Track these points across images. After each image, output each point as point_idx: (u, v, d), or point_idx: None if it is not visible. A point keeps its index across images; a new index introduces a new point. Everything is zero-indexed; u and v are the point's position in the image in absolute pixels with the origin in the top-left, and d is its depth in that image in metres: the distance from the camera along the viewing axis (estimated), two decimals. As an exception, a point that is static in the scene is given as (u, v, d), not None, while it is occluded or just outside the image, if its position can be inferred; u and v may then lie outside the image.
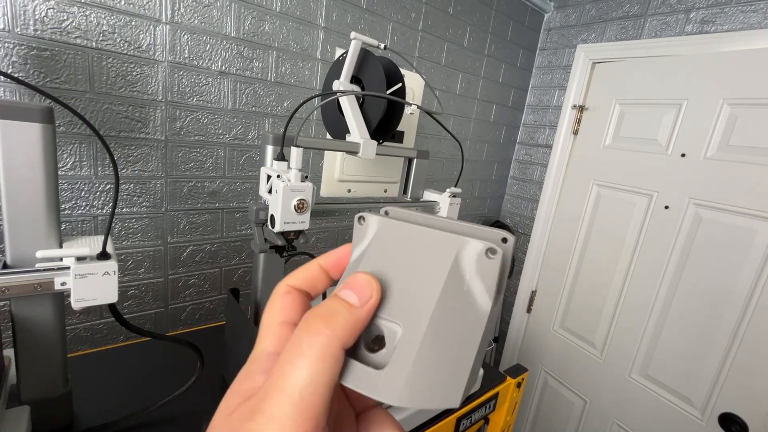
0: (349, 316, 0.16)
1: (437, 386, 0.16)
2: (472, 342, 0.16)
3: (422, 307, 0.17)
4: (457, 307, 0.17)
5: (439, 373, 0.16)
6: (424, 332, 0.16)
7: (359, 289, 0.16)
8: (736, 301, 1.22)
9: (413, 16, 1.30)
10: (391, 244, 0.19)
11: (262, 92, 1.05)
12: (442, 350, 0.16)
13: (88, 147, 0.84)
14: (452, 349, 0.16)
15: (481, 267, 0.17)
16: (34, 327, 0.53)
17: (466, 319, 0.16)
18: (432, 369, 0.16)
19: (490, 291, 0.17)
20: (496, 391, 0.88)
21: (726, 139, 1.24)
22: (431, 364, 0.16)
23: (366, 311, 0.16)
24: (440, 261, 0.17)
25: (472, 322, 0.16)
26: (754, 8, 1.21)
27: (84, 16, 0.79)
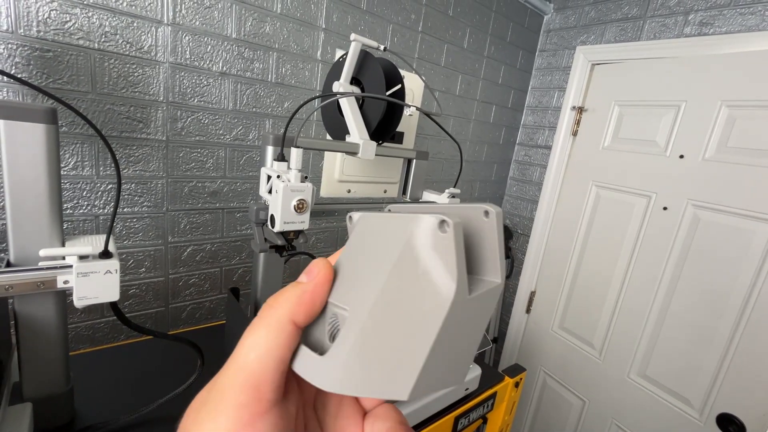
0: (295, 290, 0.16)
1: (378, 374, 0.15)
2: (427, 329, 0.14)
3: (369, 291, 0.15)
4: (410, 290, 0.15)
5: (380, 361, 0.15)
6: (366, 317, 0.15)
7: (310, 270, 0.17)
8: (735, 302, 1.23)
9: (413, 18, 1.31)
10: (363, 236, 0.18)
11: (263, 93, 1.06)
12: (386, 337, 0.15)
13: (90, 147, 0.85)
14: (399, 336, 0.15)
15: (437, 244, 0.14)
16: (36, 325, 0.54)
17: (422, 303, 0.15)
18: (372, 356, 0.15)
19: (451, 271, 0.14)
20: (494, 391, 0.88)
21: (724, 140, 1.25)
22: (371, 350, 0.15)
23: (311, 285, 0.16)
24: (393, 244, 0.16)
25: (429, 306, 0.14)
26: (752, 11, 1.21)
27: (86, 18, 0.79)
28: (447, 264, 0.14)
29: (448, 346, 0.15)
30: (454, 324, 0.15)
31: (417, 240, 0.15)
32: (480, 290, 0.16)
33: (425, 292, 0.15)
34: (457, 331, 0.15)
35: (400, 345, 0.15)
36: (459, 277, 0.14)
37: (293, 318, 0.16)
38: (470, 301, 0.15)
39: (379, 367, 0.15)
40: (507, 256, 1.91)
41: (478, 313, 0.16)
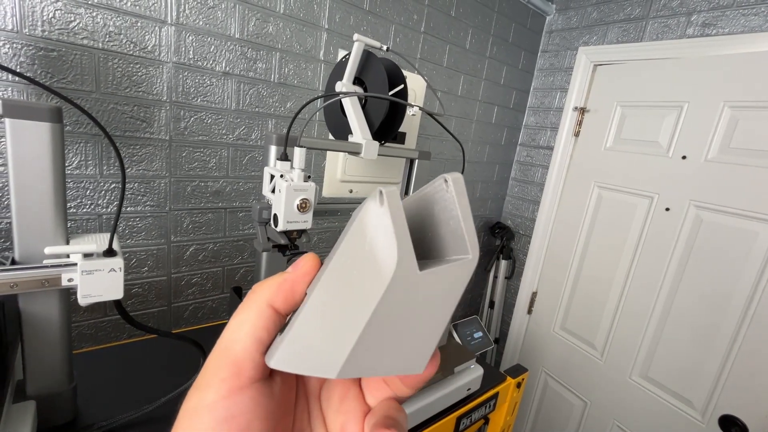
0: (277, 278, 0.17)
1: (314, 352, 0.15)
2: (364, 306, 0.14)
3: (321, 272, 0.16)
4: (355, 268, 0.14)
5: (318, 338, 0.15)
6: (313, 297, 0.15)
7: (296, 262, 0.17)
8: (737, 303, 1.22)
9: (415, 18, 1.31)
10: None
11: (266, 93, 1.06)
12: (328, 315, 0.15)
13: (93, 146, 0.85)
14: (340, 314, 0.15)
15: (378, 219, 0.14)
16: (40, 323, 0.54)
17: (364, 280, 0.14)
18: (311, 334, 0.15)
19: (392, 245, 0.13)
20: (495, 391, 0.88)
21: (727, 141, 1.25)
22: (312, 329, 0.15)
23: (292, 275, 0.17)
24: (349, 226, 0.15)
25: (370, 283, 0.14)
26: (755, 11, 1.21)
27: (91, 17, 0.80)
28: (387, 238, 0.13)
29: (392, 328, 0.14)
30: (399, 305, 0.14)
31: (365, 218, 0.14)
32: (437, 266, 0.14)
33: (366, 272, 0.14)
34: (406, 313, 0.14)
35: (336, 324, 0.15)
36: (400, 250, 0.13)
37: (271, 303, 0.17)
38: (424, 278, 0.14)
39: (316, 345, 0.15)
40: (508, 257, 1.91)
41: (440, 293, 0.15)
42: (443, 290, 0.15)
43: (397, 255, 0.13)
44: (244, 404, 0.15)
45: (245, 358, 0.16)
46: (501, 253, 1.90)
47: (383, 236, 0.13)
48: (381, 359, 0.15)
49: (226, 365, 0.16)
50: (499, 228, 1.91)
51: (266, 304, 0.17)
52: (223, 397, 0.15)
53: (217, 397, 0.15)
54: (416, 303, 0.14)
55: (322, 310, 0.15)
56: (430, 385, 0.74)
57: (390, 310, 0.14)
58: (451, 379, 0.78)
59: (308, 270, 0.17)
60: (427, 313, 0.15)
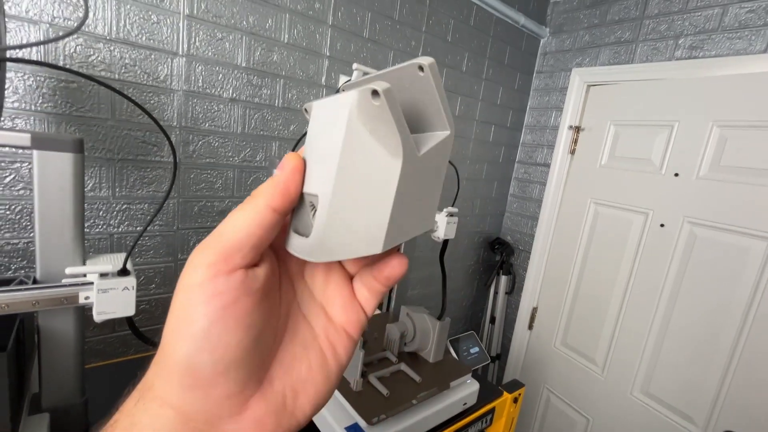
0: (271, 181, 0.19)
1: (353, 238, 0.17)
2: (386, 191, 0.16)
3: (329, 173, 0.17)
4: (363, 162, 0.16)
5: (352, 226, 0.17)
6: (331, 195, 0.17)
7: (282, 164, 0.19)
8: (734, 318, 1.24)
9: (413, 44, 1.38)
10: (317, 122, 0.19)
11: (270, 117, 1.12)
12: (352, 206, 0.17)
13: (107, 170, 0.90)
14: (363, 203, 0.16)
15: (375, 115, 0.15)
16: (57, 338, 0.58)
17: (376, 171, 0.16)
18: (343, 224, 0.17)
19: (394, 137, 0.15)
20: (492, 406, 0.90)
21: (717, 159, 1.28)
22: (342, 220, 0.17)
23: (283, 175, 0.18)
24: (339, 123, 0.16)
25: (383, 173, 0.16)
26: (739, 35, 1.26)
27: (108, 51, 0.86)
28: (389, 131, 0.15)
29: (409, 200, 0.17)
30: (410, 181, 0.16)
31: (356, 115, 0.16)
32: (429, 145, 0.17)
33: (377, 161, 0.16)
34: (415, 186, 0.17)
35: (365, 210, 0.16)
36: (403, 140, 0.15)
37: (270, 204, 0.18)
38: (422, 158, 0.16)
39: (352, 232, 0.17)
40: (508, 273, 1.93)
41: (434, 165, 0.17)
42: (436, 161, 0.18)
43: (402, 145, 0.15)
44: (229, 284, 0.17)
45: (234, 247, 0.17)
46: (501, 269, 1.93)
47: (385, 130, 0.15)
48: (405, 227, 0.17)
49: (215, 252, 0.17)
50: (499, 244, 1.94)
51: (264, 206, 0.18)
52: (209, 278, 0.16)
53: (204, 278, 0.16)
54: (419, 175, 0.17)
55: (347, 203, 0.17)
56: (426, 400, 0.76)
57: (405, 187, 0.16)
58: (447, 393, 0.80)
59: (295, 168, 0.19)
60: (427, 182, 0.18)
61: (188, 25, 0.94)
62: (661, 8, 1.44)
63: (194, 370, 0.16)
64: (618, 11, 1.57)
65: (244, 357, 0.17)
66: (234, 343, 0.16)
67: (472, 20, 1.52)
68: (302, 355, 0.20)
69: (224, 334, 0.16)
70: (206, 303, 0.16)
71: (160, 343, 0.17)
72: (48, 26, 0.79)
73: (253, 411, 0.18)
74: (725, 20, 1.29)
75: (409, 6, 1.32)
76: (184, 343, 0.16)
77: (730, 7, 1.28)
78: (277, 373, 0.19)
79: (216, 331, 0.16)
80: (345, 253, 0.18)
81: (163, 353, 0.17)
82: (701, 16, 1.34)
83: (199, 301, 0.16)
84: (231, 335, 0.16)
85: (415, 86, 0.17)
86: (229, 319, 0.16)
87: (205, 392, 0.16)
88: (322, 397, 0.20)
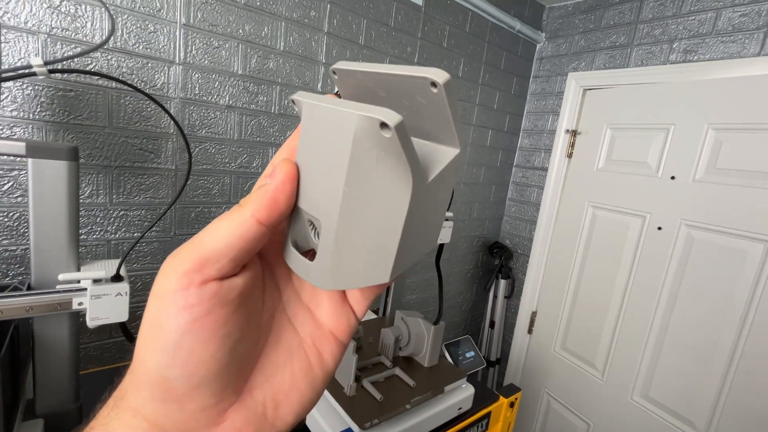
0: (261, 192, 0.17)
1: (360, 269, 0.17)
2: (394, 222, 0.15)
3: (331, 195, 0.16)
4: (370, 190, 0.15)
5: (359, 257, 0.16)
6: (337, 224, 0.16)
7: (274, 174, 0.18)
8: (732, 321, 1.23)
9: (409, 50, 1.39)
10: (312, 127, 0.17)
11: (266, 123, 1.13)
12: (359, 236, 0.16)
13: (105, 177, 0.91)
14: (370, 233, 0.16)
15: (384, 145, 0.14)
16: (52, 344, 0.58)
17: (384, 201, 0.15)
18: (351, 256, 0.16)
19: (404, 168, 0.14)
20: (488, 411, 0.89)
21: (713, 162, 1.28)
22: (349, 251, 0.16)
23: (274, 184, 0.17)
24: (342, 143, 0.15)
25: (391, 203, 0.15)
26: (732, 39, 1.27)
27: (106, 60, 0.87)
28: (399, 163, 0.14)
29: (416, 226, 0.16)
30: (418, 209, 0.16)
31: (362, 143, 0.14)
32: (438, 169, 0.16)
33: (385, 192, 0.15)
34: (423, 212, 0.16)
35: (373, 241, 0.16)
36: (414, 173, 0.14)
37: (256, 215, 0.16)
38: (430, 184, 0.16)
39: (360, 263, 0.16)
40: (507, 276, 1.93)
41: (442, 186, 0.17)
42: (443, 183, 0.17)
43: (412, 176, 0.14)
44: (202, 295, 0.16)
45: (211, 258, 0.16)
46: (500, 273, 1.92)
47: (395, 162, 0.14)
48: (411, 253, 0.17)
49: (190, 260, 0.16)
50: (498, 248, 1.94)
51: (249, 216, 0.16)
52: (181, 288, 0.15)
53: (176, 287, 0.16)
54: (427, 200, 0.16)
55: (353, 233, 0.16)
56: (420, 404, 0.76)
57: (413, 216, 0.15)
58: (441, 397, 0.80)
59: (287, 176, 0.17)
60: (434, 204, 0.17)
61: (185, 33, 0.95)
62: (655, 13, 1.45)
63: (166, 384, 0.16)
64: (613, 16, 1.58)
65: (219, 369, 0.16)
66: (207, 356, 0.16)
67: (468, 26, 1.54)
68: (285, 362, 0.19)
69: (197, 347, 0.15)
70: (177, 314, 0.15)
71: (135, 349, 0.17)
72: (46, 36, 0.80)
73: (232, 422, 0.17)
74: (719, 24, 1.30)
75: (404, 13, 1.34)
76: (155, 356, 0.16)
77: (723, 11, 1.29)
78: (257, 382, 0.18)
79: (187, 344, 0.15)
80: (352, 283, 0.17)
81: (136, 363, 0.16)
82: (695, 20, 1.35)
83: (169, 312, 0.15)
84: (204, 348, 0.16)
85: (425, 101, 0.16)
86: (200, 332, 0.16)
87: (179, 405, 0.16)
88: (305, 407, 0.19)
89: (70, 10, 0.82)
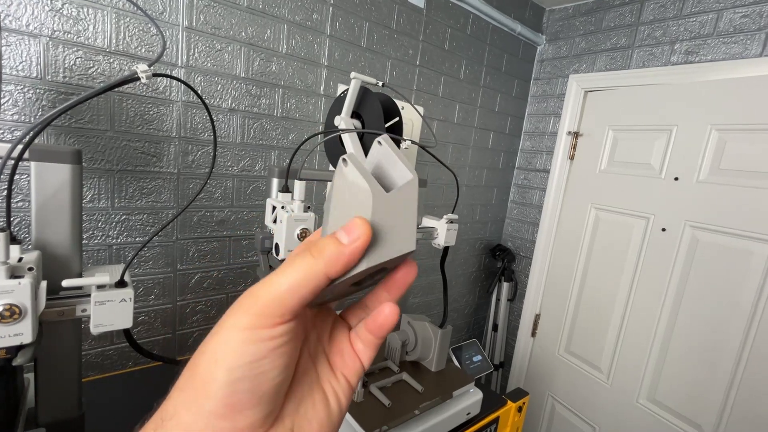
0: (335, 250, 0.18)
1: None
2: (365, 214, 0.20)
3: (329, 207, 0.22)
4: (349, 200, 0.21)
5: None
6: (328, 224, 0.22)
7: (351, 230, 0.19)
8: (739, 323, 1.22)
9: (411, 53, 1.39)
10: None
11: (269, 126, 1.12)
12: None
13: (106, 180, 0.90)
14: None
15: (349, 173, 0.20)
16: (53, 352, 0.57)
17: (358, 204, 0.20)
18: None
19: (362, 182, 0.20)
20: (496, 415, 0.88)
21: (716, 163, 1.28)
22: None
23: (350, 249, 0.18)
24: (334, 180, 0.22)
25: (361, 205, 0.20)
26: (734, 40, 1.27)
27: (108, 63, 0.86)
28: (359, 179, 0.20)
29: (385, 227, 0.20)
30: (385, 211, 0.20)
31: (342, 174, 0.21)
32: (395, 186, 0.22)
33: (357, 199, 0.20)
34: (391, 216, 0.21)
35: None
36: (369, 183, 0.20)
37: (329, 272, 0.18)
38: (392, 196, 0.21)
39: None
40: (510, 279, 1.92)
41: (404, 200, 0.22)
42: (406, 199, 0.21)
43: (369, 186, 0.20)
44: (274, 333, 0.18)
45: (288, 312, 0.18)
46: (503, 276, 1.91)
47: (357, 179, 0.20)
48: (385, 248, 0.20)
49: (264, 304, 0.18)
50: (500, 250, 1.93)
51: (323, 273, 0.18)
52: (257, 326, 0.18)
53: (251, 325, 0.18)
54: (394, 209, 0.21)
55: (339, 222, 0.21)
56: (429, 410, 0.75)
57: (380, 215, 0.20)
58: (450, 403, 0.79)
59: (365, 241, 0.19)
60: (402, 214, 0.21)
61: (187, 36, 0.95)
62: (656, 14, 1.46)
63: (234, 397, 0.17)
64: (613, 18, 1.58)
65: (275, 391, 0.19)
66: (271, 377, 0.18)
67: (469, 29, 1.54)
68: (309, 395, 0.22)
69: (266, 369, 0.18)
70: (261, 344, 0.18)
71: (184, 373, 0.19)
72: (48, 40, 0.79)
73: None
74: (720, 25, 1.30)
75: (406, 15, 1.34)
76: (228, 373, 0.17)
77: (724, 12, 1.29)
78: (288, 410, 0.20)
79: (258, 365, 0.18)
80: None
81: (196, 381, 0.18)
82: (696, 21, 1.35)
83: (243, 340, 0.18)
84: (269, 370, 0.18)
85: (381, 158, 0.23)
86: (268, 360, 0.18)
87: (232, 422, 0.17)
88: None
89: (72, 13, 0.81)
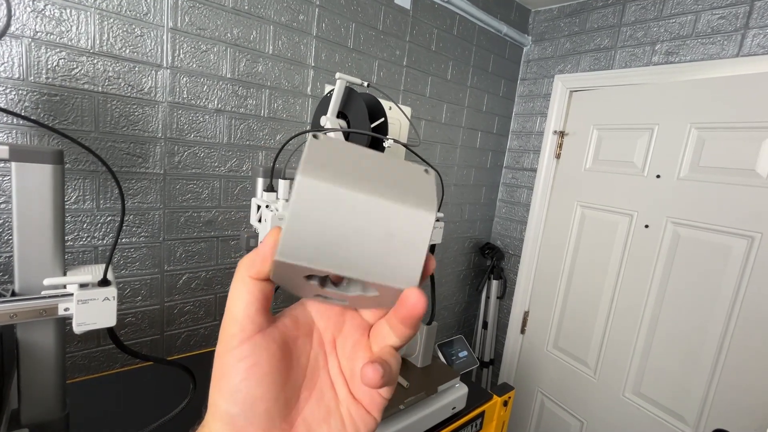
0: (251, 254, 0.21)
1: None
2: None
3: None
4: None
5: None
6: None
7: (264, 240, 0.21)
8: (719, 316, 1.25)
9: (398, 54, 1.40)
10: None
11: (256, 127, 1.12)
12: None
13: (91, 182, 0.90)
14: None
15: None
16: (37, 351, 0.57)
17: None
18: None
19: None
20: (482, 410, 0.90)
21: (696, 160, 1.31)
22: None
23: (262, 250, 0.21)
24: None
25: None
26: (712, 41, 1.31)
27: (92, 64, 0.86)
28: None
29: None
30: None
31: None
32: None
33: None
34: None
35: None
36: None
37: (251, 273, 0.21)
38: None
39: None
40: (499, 277, 1.94)
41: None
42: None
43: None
44: (250, 349, 0.21)
45: (245, 317, 0.21)
46: (492, 273, 1.93)
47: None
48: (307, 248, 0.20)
49: (232, 325, 0.21)
50: (489, 248, 1.95)
51: (247, 276, 0.21)
52: (234, 347, 0.21)
53: (231, 347, 0.21)
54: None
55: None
56: (414, 404, 0.76)
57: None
58: (435, 397, 0.80)
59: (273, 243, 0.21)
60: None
61: (172, 37, 0.95)
62: (637, 16, 1.49)
63: (232, 420, 0.20)
64: (597, 19, 1.61)
65: (268, 408, 0.20)
66: (258, 396, 0.20)
67: (455, 30, 1.56)
68: (325, 418, 0.22)
69: (251, 389, 0.20)
70: (236, 365, 0.20)
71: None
72: (30, 41, 0.79)
73: None
74: (698, 26, 1.33)
75: (393, 17, 1.35)
76: (223, 400, 0.20)
77: (702, 13, 1.33)
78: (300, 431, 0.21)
79: (245, 388, 0.20)
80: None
81: (210, 407, 0.21)
82: (675, 22, 1.39)
83: (230, 364, 0.21)
84: (256, 390, 0.20)
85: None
86: (253, 377, 0.20)
87: None
88: None
89: (54, 14, 0.81)
